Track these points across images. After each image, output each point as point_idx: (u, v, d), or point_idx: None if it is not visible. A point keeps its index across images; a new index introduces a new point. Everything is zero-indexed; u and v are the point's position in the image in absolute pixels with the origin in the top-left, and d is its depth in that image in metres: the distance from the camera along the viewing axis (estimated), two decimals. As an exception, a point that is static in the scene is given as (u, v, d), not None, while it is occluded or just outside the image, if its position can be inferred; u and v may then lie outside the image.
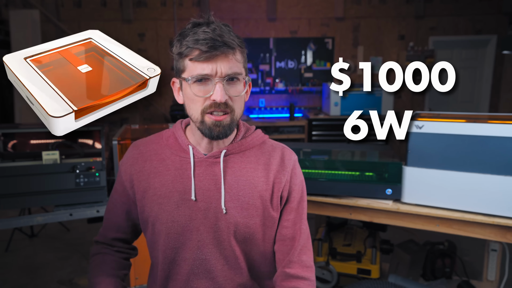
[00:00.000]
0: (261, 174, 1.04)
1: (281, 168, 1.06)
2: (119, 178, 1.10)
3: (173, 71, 1.02)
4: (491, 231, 1.60)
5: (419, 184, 1.69)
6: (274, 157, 1.07)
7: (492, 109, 5.75)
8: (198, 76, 0.93)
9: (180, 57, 0.95)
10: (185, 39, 0.93)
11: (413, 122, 1.67)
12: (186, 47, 0.93)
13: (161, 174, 1.03)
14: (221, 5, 5.48)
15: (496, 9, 5.54)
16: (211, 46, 0.90)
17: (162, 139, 1.08)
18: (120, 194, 1.10)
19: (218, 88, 0.92)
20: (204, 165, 1.02)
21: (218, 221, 1.01)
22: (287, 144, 1.23)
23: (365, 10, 5.62)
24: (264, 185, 1.04)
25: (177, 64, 0.98)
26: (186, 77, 0.95)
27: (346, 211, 1.82)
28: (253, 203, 1.02)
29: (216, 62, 0.92)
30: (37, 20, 4.58)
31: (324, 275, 2.28)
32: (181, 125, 1.09)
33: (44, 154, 2.03)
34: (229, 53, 0.93)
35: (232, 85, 0.95)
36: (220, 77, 0.92)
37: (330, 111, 5.05)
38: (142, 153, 1.07)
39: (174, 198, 1.01)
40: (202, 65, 0.92)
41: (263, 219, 1.04)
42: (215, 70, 0.92)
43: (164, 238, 1.02)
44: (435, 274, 2.37)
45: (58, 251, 3.26)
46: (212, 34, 0.91)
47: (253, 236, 1.03)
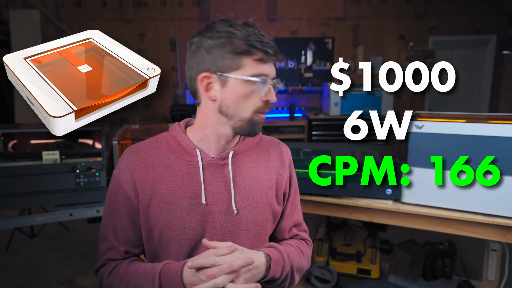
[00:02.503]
0: (264, 172, 1.07)
1: (281, 165, 1.11)
2: (119, 189, 1.01)
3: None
4: (491, 231, 1.60)
5: (419, 184, 1.69)
6: (272, 153, 1.11)
7: (492, 109, 5.75)
8: (262, 76, 0.96)
9: (237, 54, 0.93)
10: (242, 37, 0.93)
11: (413, 122, 1.67)
12: (251, 47, 0.93)
13: (168, 180, 1.00)
14: (221, 5, 5.48)
15: (496, 9, 5.54)
16: (275, 51, 0.96)
17: (162, 144, 1.04)
18: (124, 205, 1.01)
19: (272, 90, 0.98)
20: (212, 167, 1.02)
21: (229, 222, 1.01)
22: (287, 144, 1.24)
23: (365, 10, 5.62)
24: (268, 182, 1.07)
25: (224, 60, 0.94)
26: (245, 75, 0.94)
27: (346, 211, 1.83)
28: (261, 201, 1.05)
29: (271, 65, 0.98)
30: (37, 20, 4.58)
31: (324, 275, 2.29)
32: (181, 127, 1.06)
33: (44, 154, 2.03)
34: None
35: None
36: (272, 79, 0.98)
37: (330, 111, 5.05)
38: (143, 160, 1.01)
39: (184, 204, 0.99)
40: (265, 66, 0.96)
41: (270, 215, 1.07)
42: (272, 73, 0.98)
43: (176, 245, 1.00)
44: (435, 274, 2.37)
45: (58, 251, 3.26)
46: (268, 38, 0.96)
47: (263, 232, 1.07)
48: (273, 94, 0.99)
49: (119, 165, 1.03)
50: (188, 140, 1.03)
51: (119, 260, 1.03)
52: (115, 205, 1.02)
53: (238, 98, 0.96)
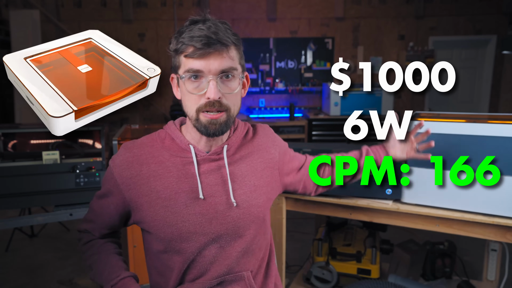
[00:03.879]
0: (257, 155, 1.10)
1: (271, 144, 1.14)
2: (111, 180, 1.03)
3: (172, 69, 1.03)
4: (491, 231, 1.60)
5: (419, 184, 1.69)
6: (259, 137, 1.14)
7: (492, 109, 5.75)
8: (191, 72, 0.93)
9: (176, 53, 0.97)
10: (181, 36, 0.94)
11: (413, 122, 1.67)
12: (181, 44, 0.94)
13: (162, 177, 1.01)
14: (221, 5, 5.48)
15: (496, 9, 5.54)
16: (205, 43, 0.91)
17: (156, 142, 1.05)
18: (114, 196, 1.04)
19: (212, 86, 0.93)
20: (207, 162, 1.03)
21: (230, 214, 1.02)
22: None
23: (365, 10, 5.62)
24: (262, 164, 1.10)
25: (173, 60, 0.99)
26: (181, 74, 0.96)
27: (346, 211, 1.82)
28: (260, 192, 1.07)
29: (209, 59, 0.92)
30: (37, 20, 4.59)
31: (324, 275, 2.28)
32: (175, 125, 1.08)
33: (44, 154, 2.03)
34: (222, 50, 0.93)
35: (226, 82, 0.96)
36: (213, 75, 0.93)
37: (330, 111, 5.05)
38: (136, 156, 1.02)
39: (182, 199, 1.00)
40: (196, 62, 0.93)
41: (269, 204, 1.12)
42: (209, 67, 0.93)
43: (176, 240, 1.00)
44: (435, 274, 2.37)
45: (58, 251, 3.26)
46: (207, 31, 0.91)
47: (264, 222, 1.10)
48: (210, 90, 0.92)
49: (115, 158, 1.05)
50: (182, 136, 1.04)
51: (95, 236, 1.13)
52: (105, 195, 1.07)
53: (183, 96, 0.99)
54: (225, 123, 0.97)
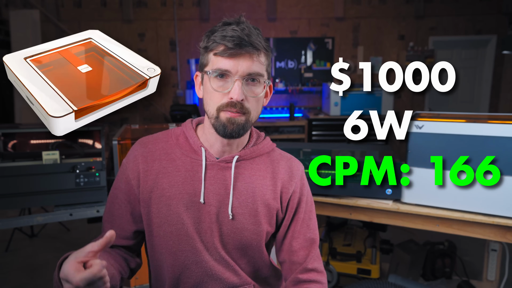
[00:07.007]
0: (269, 182, 1.05)
1: (289, 178, 1.08)
2: (123, 176, 1.04)
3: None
4: (491, 231, 1.60)
5: (419, 184, 1.69)
6: (282, 166, 1.08)
7: (492, 109, 5.75)
8: (218, 71, 0.93)
9: (206, 51, 0.97)
10: (213, 34, 0.95)
11: (413, 122, 1.67)
12: (212, 42, 0.94)
13: (170, 175, 1.01)
14: (221, 5, 5.48)
15: (496, 9, 5.54)
16: (237, 44, 0.91)
17: (171, 138, 1.06)
18: (125, 193, 1.04)
19: (236, 86, 0.93)
20: (215, 168, 1.02)
21: (224, 225, 1.01)
22: (288, 143, 1.24)
23: (365, 10, 5.62)
24: (272, 193, 1.05)
25: (202, 58, 0.99)
26: (208, 71, 0.95)
27: (346, 211, 1.82)
28: (261, 211, 1.03)
29: (238, 60, 0.93)
30: (37, 20, 4.58)
31: (324, 275, 2.28)
32: (192, 124, 1.08)
33: (44, 154, 2.03)
34: (253, 53, 0.93)
35: (251, 86, 0.95)
36: (240, 76, 0.93)
37: (330, 111, 5.05)
38: (151, 152, 1.04)
39: (184, 200, 1.00)
40: (225, 61, 0.93)
41: (268, 226, 1.05)
42: (236, 68, 0.93)
43: (174, 240, 1.00)
44: (435, 274, 2.37)
45: (58, 251, 3.26)
46: (240, 32, 0.92)
47: (258, 242, 1.04)
48: (234, 90, 0.92)
49: (129, 155, 1.06)
50: (195, 137, 1.04)
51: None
52: (117, 192, 1.06)
53: (206, 93, 0.98)
54: (243, 125, 0.96)
